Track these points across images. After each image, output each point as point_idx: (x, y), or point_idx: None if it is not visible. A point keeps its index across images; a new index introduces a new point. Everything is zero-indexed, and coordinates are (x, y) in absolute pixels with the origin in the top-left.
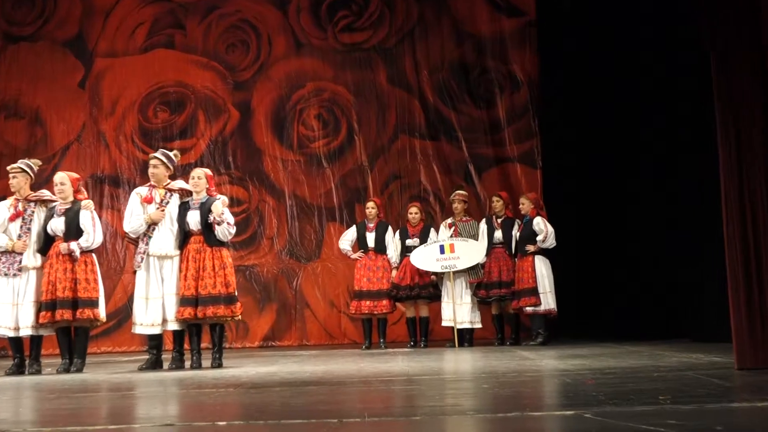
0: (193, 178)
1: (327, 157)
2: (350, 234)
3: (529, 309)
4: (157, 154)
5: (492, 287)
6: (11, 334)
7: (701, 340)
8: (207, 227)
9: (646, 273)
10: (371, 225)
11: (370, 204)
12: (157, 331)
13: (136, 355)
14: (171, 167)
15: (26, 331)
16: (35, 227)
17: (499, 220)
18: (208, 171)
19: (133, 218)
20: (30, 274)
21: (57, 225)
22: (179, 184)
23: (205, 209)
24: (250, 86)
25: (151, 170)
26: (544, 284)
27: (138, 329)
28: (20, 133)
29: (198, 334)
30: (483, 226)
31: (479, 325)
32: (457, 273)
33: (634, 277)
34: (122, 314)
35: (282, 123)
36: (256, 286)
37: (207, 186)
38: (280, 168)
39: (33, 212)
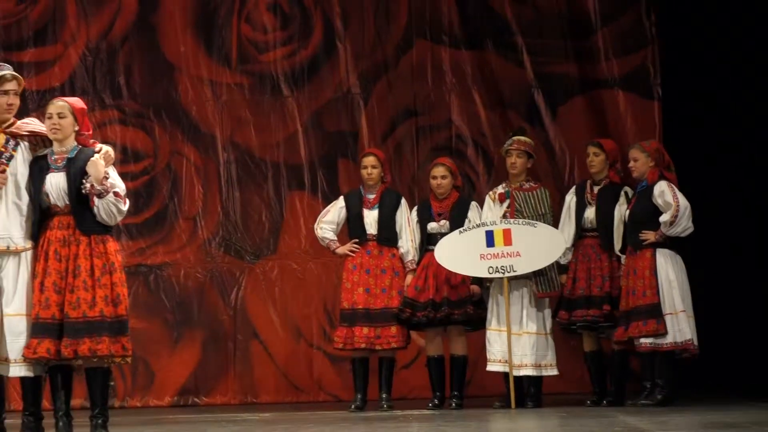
0: (50, 117)
1: (289, 78)
2: (335, 213)
3: (645, 342)
4: (12, 70)
5: (576, 306)
6: None
7: None
8: (80, 201)
9: None
10: (372, 197)
11: (370, 159)
12: None
13: None
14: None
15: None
16: None
17: (596, 189)
18: (79, 101)
19: None
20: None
21: None
22: (31, 125)
23: (77, 170)
24: None
25: (8, 101)
26: (673, 299)
27: None
28: None
29: (66, 384)
30: (570, 197)
31: (553, 372)
32: (516, 280)
33: None
34: None
35: (211, 19)
36: (166, 302)
37: (76, 128)
38: (207, 97)
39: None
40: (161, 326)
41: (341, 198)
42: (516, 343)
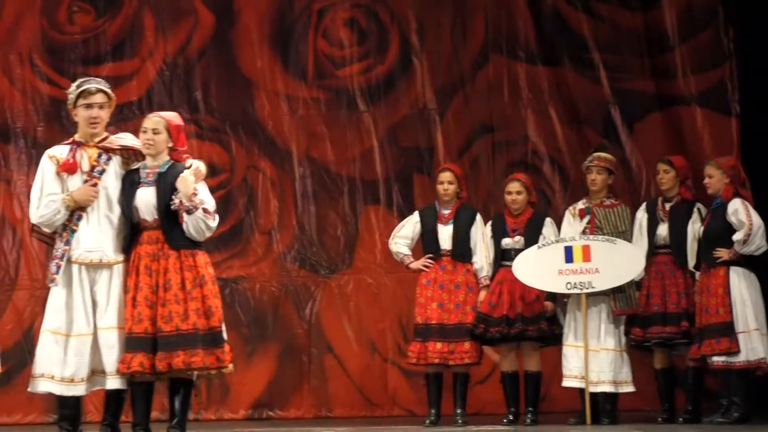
0: (145, 132)
1: (365, 93)
2: (410, 228)
3: (718, 360)
4: (101, 85)
5: (651, 322)
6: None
7: None
8: (169, 216)
9: None
10: (446, 212)
11: (446, 175)
12: (78, 391)
13: (36, 431)
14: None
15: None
16: None
17: (668, 206)
18: (176, 117)
19: (45, 200)
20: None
21: None
22: (124, 139)
23: (167, 185)
24: None
25: (91, 114)
26: (747, 317)
27: (44, 386)
28: None
29: (147, 398)
30: (641, 214)
31: (630, 388)
32: (594, 297)
33: None
34: (13, 360)
35: (287, 34)
36: (242, 315)
37: (170, 144)
38: (284, 112)
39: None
40: (236, 339)
41: (416, 213)
42: (594, 359)
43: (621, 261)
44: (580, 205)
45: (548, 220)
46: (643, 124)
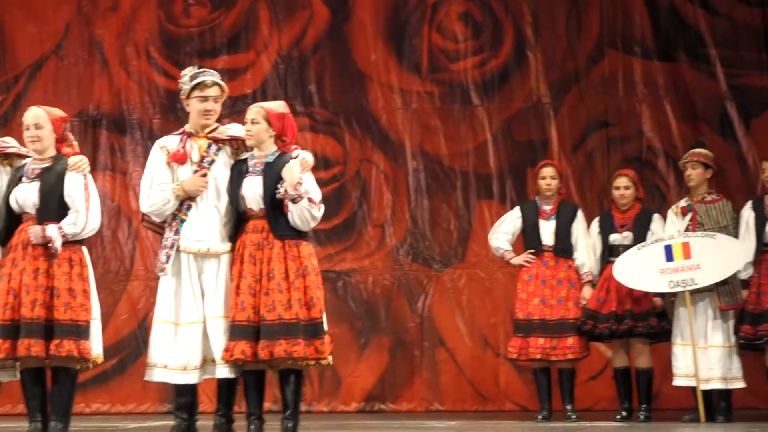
0: (246, 122)
1: (479, 87)
2: (510, 223)
3: None
4: (216, 77)
5: (763, 319)
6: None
7: None
8: (275, 206)
9: None
10: (548, 208)
11: (548, 170)
12: (191, 379)
13: (151, 420)
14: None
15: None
16: None
17: None
18: (279, 106)
19: (156, 189)
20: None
21: (26, 195)
22: (233, 130)
23: (273, 175)
24: None
25: (206, 107)
26: None
27: (158, 375)
28: None
29: (259, 387)
30: (747, 212)
31: (740, 384)
32: (699, 294)
33: None
34: (128, 349)
35: (402, 28)
36: (353, 308)
37: (272, 134)
38: (397, 105)
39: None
40: (348, 332)
41: (517, 208)
42: (702, 356)
43: (722, 255)
44: (683, 203)
45: (656, 216)
46: (760, 120)
